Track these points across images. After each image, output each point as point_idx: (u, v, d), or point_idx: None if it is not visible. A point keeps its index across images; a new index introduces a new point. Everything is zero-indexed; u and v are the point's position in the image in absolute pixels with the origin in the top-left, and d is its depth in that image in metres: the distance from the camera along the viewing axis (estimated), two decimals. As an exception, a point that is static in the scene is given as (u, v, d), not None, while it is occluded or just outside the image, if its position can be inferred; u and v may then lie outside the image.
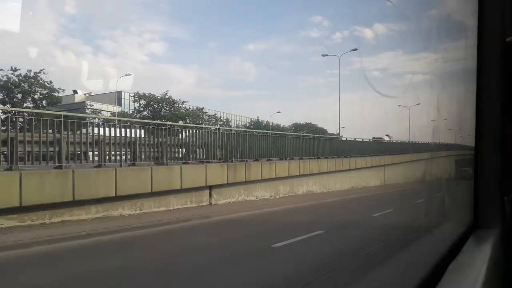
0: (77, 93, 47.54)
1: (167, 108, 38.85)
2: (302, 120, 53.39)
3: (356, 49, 26.02)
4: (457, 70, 2.60)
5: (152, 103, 38.79)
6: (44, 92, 31.23)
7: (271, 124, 48.46)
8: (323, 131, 45.73)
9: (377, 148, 23.29)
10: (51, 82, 31.35)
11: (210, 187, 12.10)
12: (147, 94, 38.72)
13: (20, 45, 48.22)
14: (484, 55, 1.94)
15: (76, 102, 45.56)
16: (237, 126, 49.47)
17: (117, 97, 43.35)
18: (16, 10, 13.80)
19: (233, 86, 78.10)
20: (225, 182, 12.49)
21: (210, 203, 12.01)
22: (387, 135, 33.47)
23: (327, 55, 35.00)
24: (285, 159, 15.76)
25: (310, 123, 52.16)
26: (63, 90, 33.17)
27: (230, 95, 76.42)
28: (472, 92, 2.00)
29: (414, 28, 2.85)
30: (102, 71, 65.77)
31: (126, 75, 40.16)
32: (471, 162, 2.02)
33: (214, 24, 77.38)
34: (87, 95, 48.04)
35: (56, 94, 32.17)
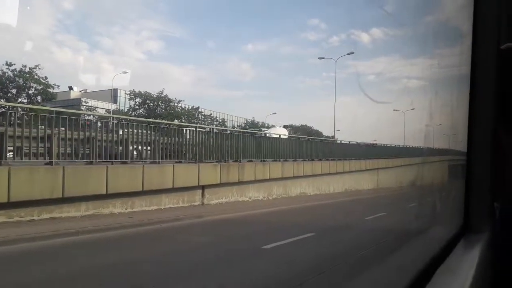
0: (72, 89, 47.15)
1: (163, 107, 38.68)
2: (297, 122, 53.55)
3: (352, 53, 25.96)
4: (452, 76, 2.60)
5: (147, 101, 38.60)
6: (39, 87, 30.89)
7: (266, 125, 48.49)
8: (318, 133, 45.92)
9: (371, 151, 23.40)
10: (46, 78, 31.05)
11: (203, 187, 12.05)
12: (143, 92, 38.51)
13: (16, 40, 47.72)
14: (478, 62, 1.94)
15: (71, 99, 45.18)
16: (233, 126, 49.45)
17: (113, 95, 43.08)
18: (14, 4, 13.63)
19: (230, 86, 78.32)
20: (218, 182, 12.45)
21: (202, 203, 11.96)
22: (285, 126, 28.31)
23: (323, 58, 34.85)
24: (279, 161, 15.76)
25: (306, 125, 52.36)
26: (58, 86, 32.86)
27: (226, 95, 76.49)
28: (465, 98, 2.00)
29: (410, 34, 2.86)
30: (98, 68, 65.39)
31: (123, 72, 39.97)
32: (463, 167, 2.02)
33: (212, 24, 77.48)
34: (82, 92, 47.65)
35: (51, 90, 31.82)
